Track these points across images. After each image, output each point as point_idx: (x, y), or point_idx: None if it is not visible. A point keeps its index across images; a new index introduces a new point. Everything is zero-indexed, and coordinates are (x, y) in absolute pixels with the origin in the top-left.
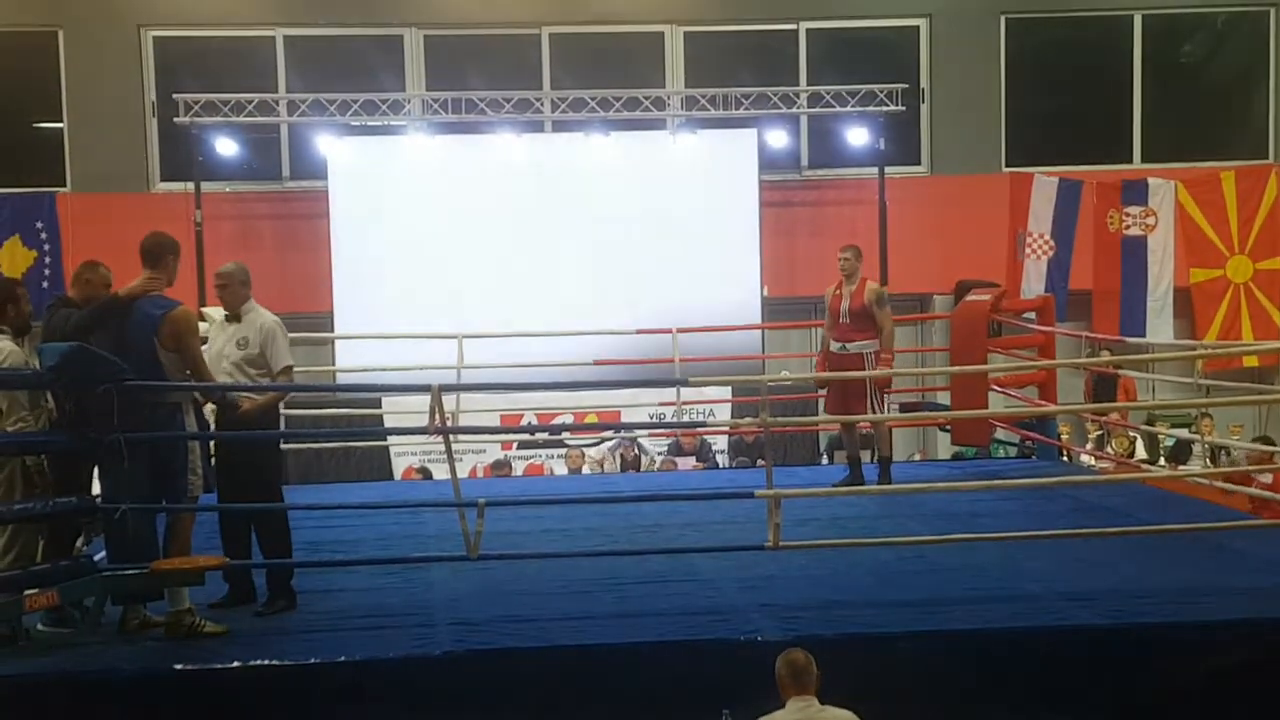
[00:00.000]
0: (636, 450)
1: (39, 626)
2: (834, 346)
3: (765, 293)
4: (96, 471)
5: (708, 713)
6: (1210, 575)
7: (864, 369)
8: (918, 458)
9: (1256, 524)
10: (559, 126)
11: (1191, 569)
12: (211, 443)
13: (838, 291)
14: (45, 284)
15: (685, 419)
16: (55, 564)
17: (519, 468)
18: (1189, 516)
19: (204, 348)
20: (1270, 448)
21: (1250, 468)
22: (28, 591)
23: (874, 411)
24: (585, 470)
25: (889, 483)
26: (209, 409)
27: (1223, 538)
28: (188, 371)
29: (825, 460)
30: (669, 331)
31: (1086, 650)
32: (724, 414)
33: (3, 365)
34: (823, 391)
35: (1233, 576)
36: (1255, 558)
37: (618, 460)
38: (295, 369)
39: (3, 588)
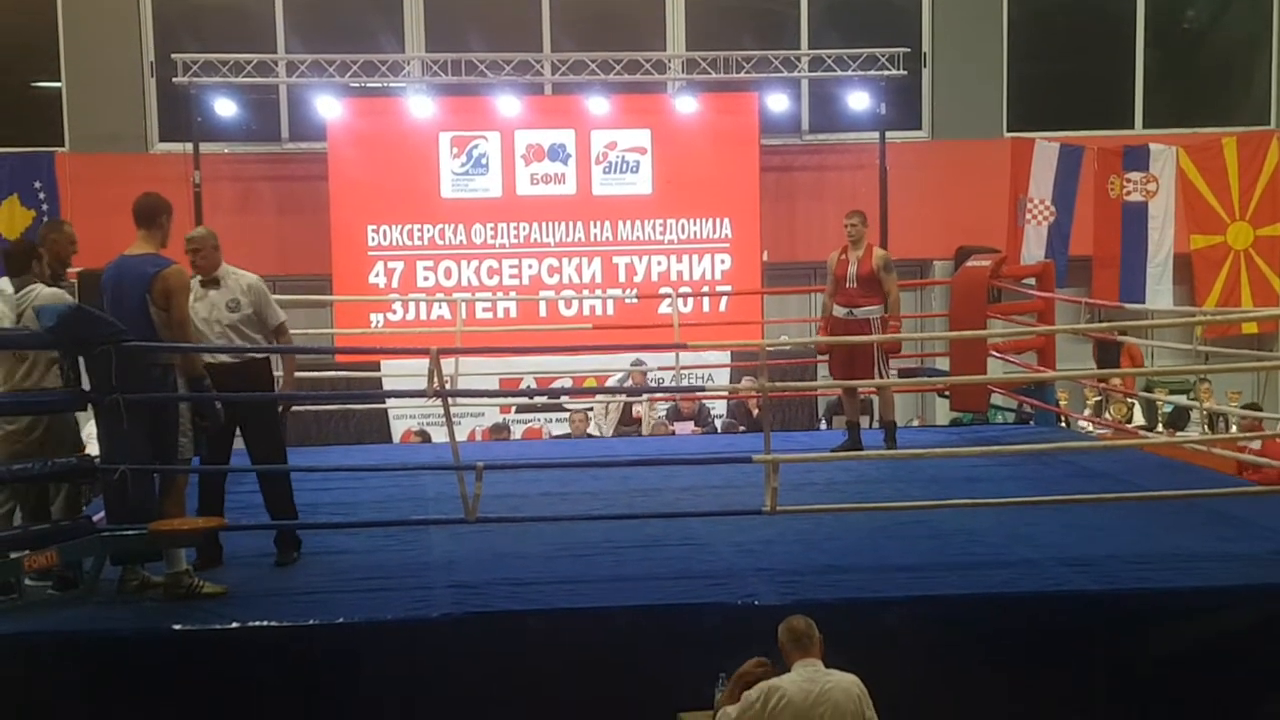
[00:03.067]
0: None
1: (27, 582)
2: (839, 311)
3: (765, 257)
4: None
5: (704, 676)
6: (1207, 541)
7: (871, 334)
8: (916, 423)
9: (1253, 490)
10: (559, 89)
11: (1188, 535)
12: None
13: (843, 256)
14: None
15: (684, 384)
16: (54, 524)
17: (517, 431)
18: (1186, 482)
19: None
20: (1261, 414)
21: (1241, 435)
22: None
23: (880, 377)
24: (591, 432)
25: (894, 447)
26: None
27: (1219, 504)
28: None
29: (823, 425)
30: (668, 296)
31: (1083, 615)
32: (723, 378)
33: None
34: (824, 357)
35: (1229, 543)
36: (1252, 524)
37: (611, 414)
38: (294, 333)
39: (2, 547)
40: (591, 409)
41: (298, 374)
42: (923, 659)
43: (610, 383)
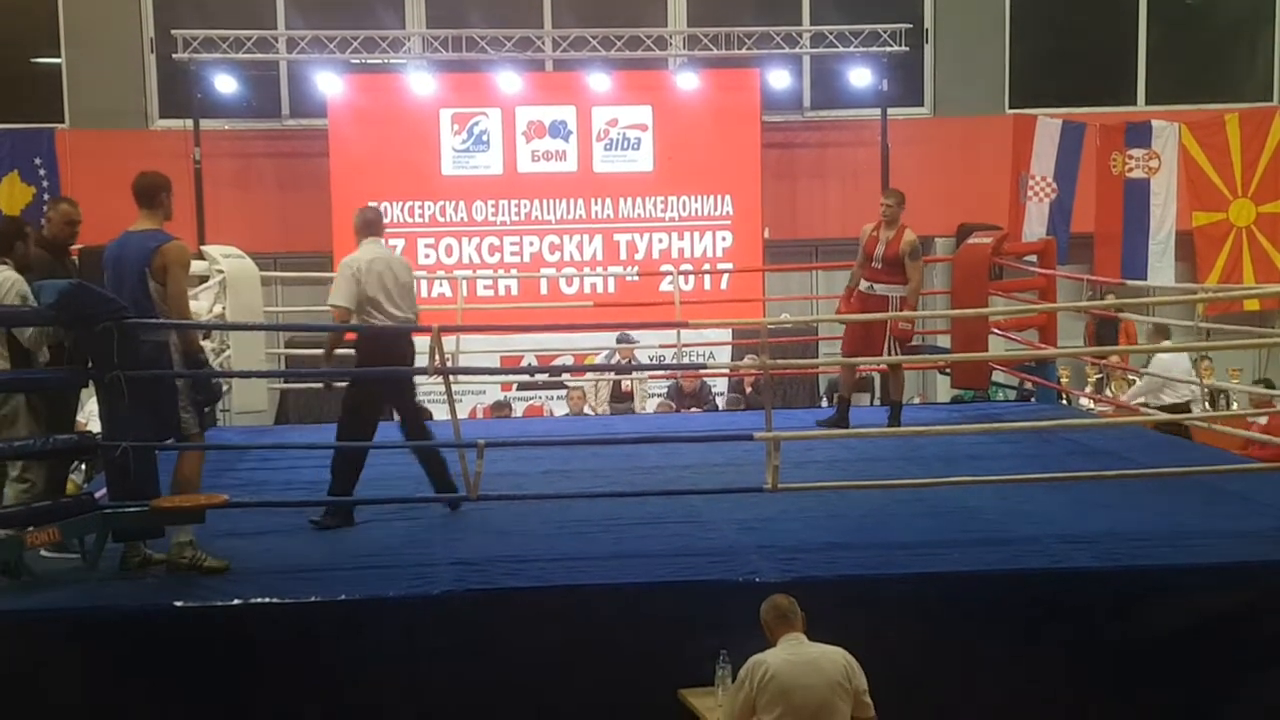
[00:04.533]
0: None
1: (42, 553)
2: (863, 285)
3: (766, 235)
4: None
5: (705, 653)
6: (1207, 518)
7: (888, 312)
8: (917, 400)
9: (1254, 468)
10: (560, 65)
11: (1189, 512)
12: None
13: (874, 233)
14: (44, 220)
15: (685, 361)
16: (57, 501)
17: (519, 409)
18: (1187, 459)
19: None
20: (1271, 392)
21: (1242, 413)
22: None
23: (891, 356)
24: (586, 410)
25: (898, 425)
26: None
27: (1220, 481)
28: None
29: (825, 403)
30: (670, 274)
31: (1084, 592)
32: (724, 356)
33: (9, 294)
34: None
35: (1230, 520)
36: (1253, 501)
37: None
38: (295, 310)
39: (5, 523)
40: (585, 392)
41: (296, 351)
42: (923, 636)
43: (598, 360)
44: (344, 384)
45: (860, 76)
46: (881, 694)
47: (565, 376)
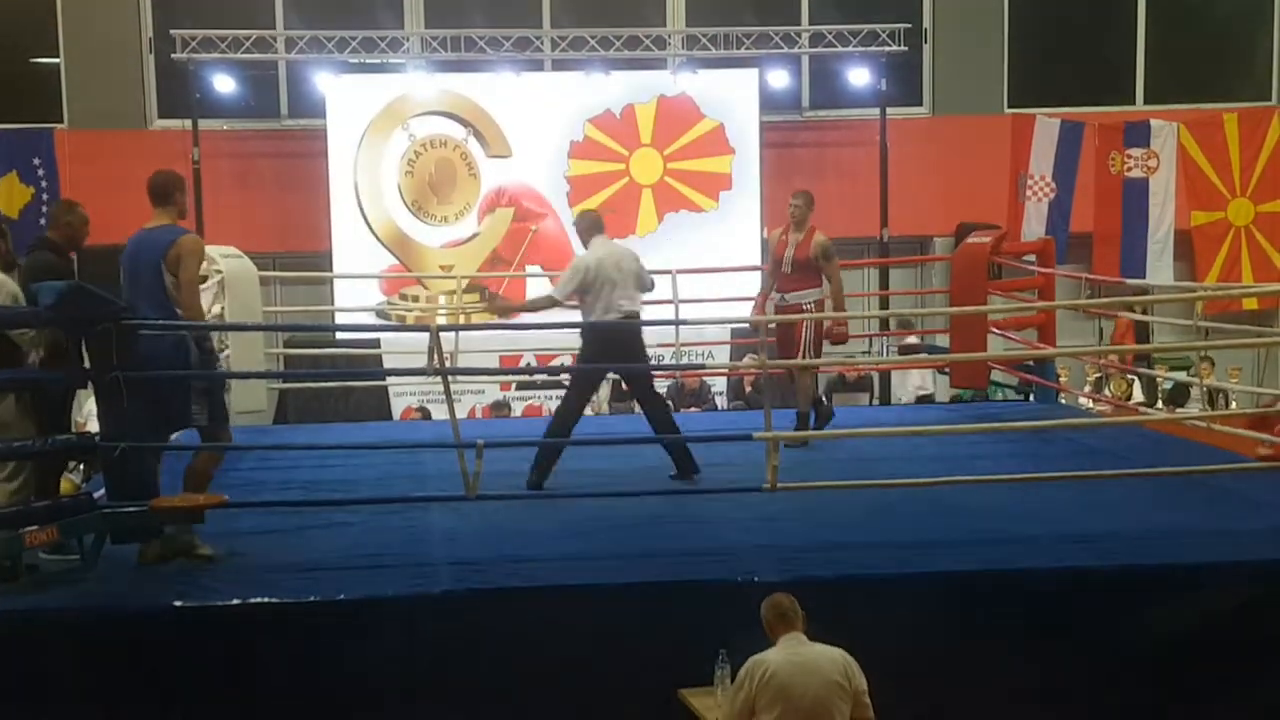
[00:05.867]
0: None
1: (40, 555)
2: (774, 296)
3: (765, 234)
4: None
5: (705, 653)
6: (1207, 517)
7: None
8: (916, 398)
9: (1254, 466)
10: (559, 65)
11: (1188, 511)
12: None
13: (783, 237)
14: (43, 220)
15: (684, 361)
16: (55, 501)
17: (518, 408)
18: (1186, 459)
19: None
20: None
21: (1241, 412)
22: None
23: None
24: (587, 410)
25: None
26: None
27: (1219, 480)
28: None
29: (825, 402)
30: (668, 272)
31: (1084, 592)
32: (723, 356)
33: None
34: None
35: (1230, 519)
36: (1251, 500)
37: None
38: (294, 310)
39: (2, 524)
40: None
41: (294, 351)
42: (922, 635)
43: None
44: None
45: (859, 76)
46: (880, 693)
47: (564, 376)
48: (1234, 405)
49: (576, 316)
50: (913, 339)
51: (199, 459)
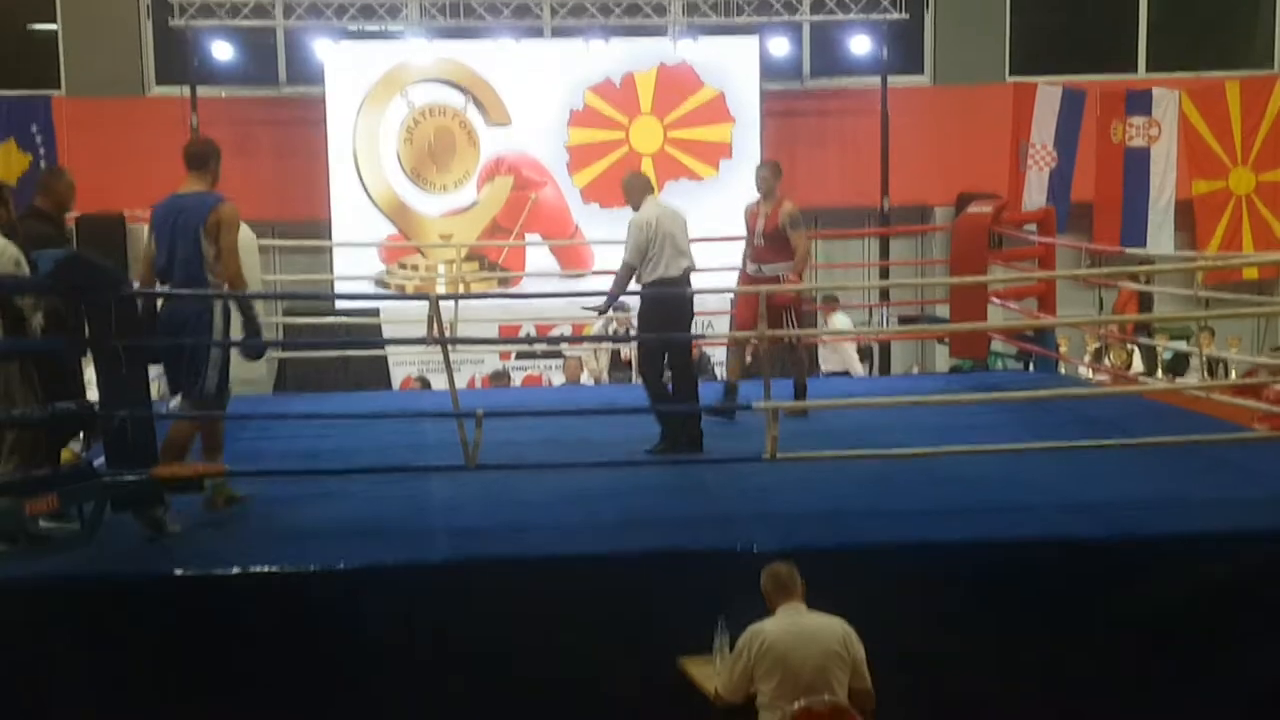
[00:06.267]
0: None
1: (40, 523)
2: (750, 268)
3: None
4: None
5: (704, 622)
6: (1205, 487)
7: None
8: (915, 370)
9: (1252, 436)
10: (558, 33)
11: (1187, 480)
12: None
13: (755, 209)
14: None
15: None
16: (55, 469)
17: (517, 378)
18: (1185, 428)
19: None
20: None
21: (1240, 381)
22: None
23: (789, 340)
24: (584, 378)
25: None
26: None
27: (1218, 450)
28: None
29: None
30: None
31: (1082, 561)
32: (722, 326)
33: (4, 260)
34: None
35: (1229, 489)
36: (1250, 470)
37: (602, 358)
38: (293, 279)
39: (3, 492)
40: (581, 361)
41: (294, 320)
42: (921, 604)
43: (595, 328)
44: None
45: (860, 44)
46: (879, 662)
47: (562, 346)
48: (1233, 375)
49: (576, 286)
50: (912, 309)
51: (210, 438)
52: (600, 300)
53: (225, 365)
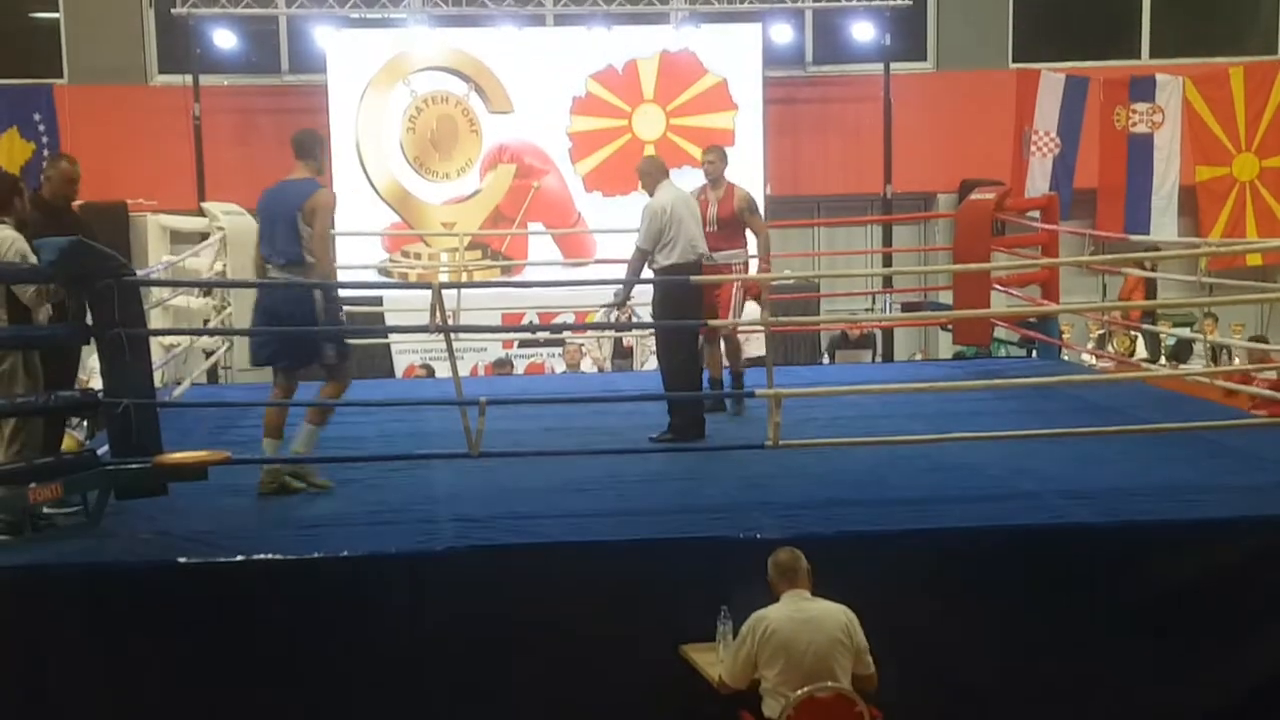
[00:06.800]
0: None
1: (44, 509)
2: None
3: (768, 191)
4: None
5: (707, 609)
6: (1209, 474)
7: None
8: (919, 357)
9: (1256, 423)
10: (561, 20)
11: (1191, 467)
12: None
13: (702, 197)
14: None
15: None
16: (59, 457)
17: (520, 366)
18: (1189, 415)
19: None
20: (1267, 345)
21: (1244, 368)
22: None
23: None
24: (584, 365)
25: (740, 404)
26: None
27: (1221, 436)
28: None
29: (826, 360)
30: None
31: (1085, 548)
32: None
33: (9, 252)
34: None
35: (1232, 475)
36: (1254, 456)
37: (605, 346)
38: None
39: (7, 480)
40: (584, 344)
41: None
42: (924, 592)
43: (597, 316)
44: None
45: (863, 31)
46: (882, 649)
47: (565, 334)
48: (1237, 361)
49: (577, 275)
50: (916, 296)
51: (327, 389)
52: (616, 292)
53: (340, 338)
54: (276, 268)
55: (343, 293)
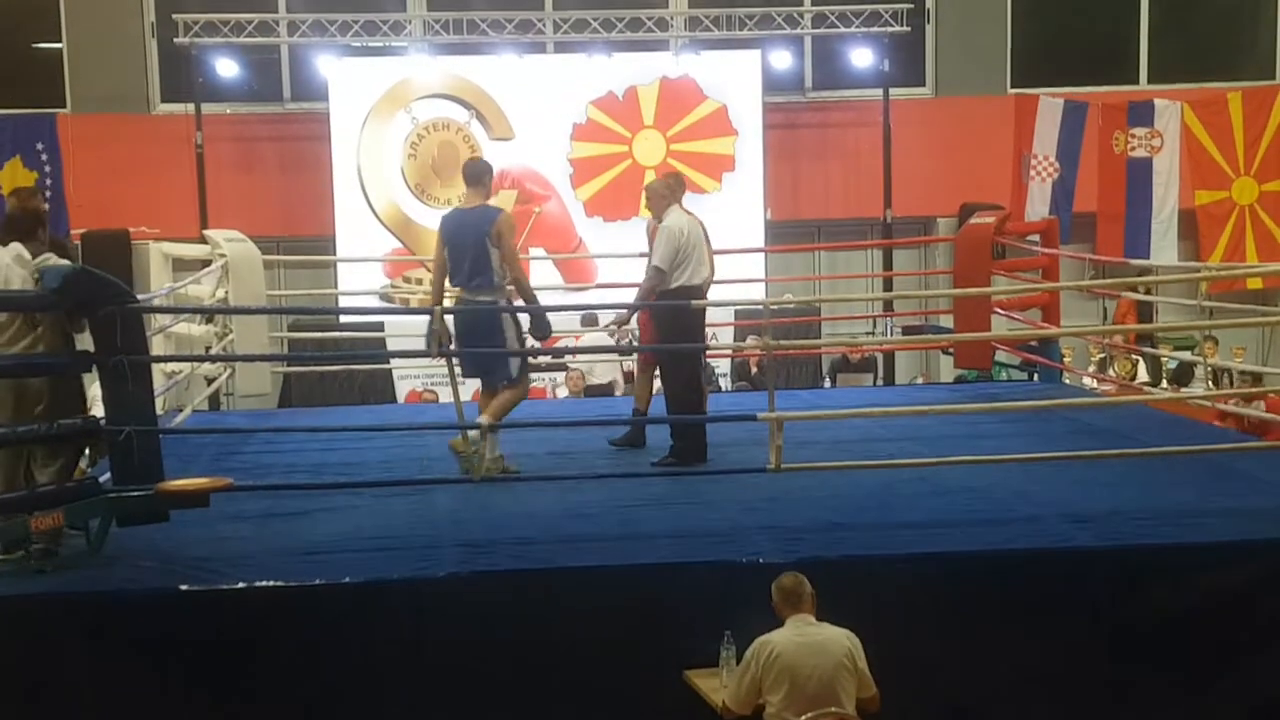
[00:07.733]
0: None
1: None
2: None
3: (769, 215)
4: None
5: (710, 634)
6: (1211, 497)
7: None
8: (920, 381)
9: (1257, 446)
10: (561, 48)
11: (1192, 491)
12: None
13: (653, 226)
14: (47, 205)
15: None
16: (61, 485)
17: None
18: (1190, 438)
19: None
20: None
21: (1245, 391)
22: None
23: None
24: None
25: (640, 442)
26: None
27: (1223, 459)
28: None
29: (827, 383)
30: None
31: (1087, 571)
32: (726, 337)
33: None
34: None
35: (1233, 498)
36: (1256, 479)
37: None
38: (298, 293)
39: (8, 509)
40: (584, 375)
41: (299, 335)
42: (926, 616)
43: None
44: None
45: (862, 57)
46: (885, 673)
47: (567, 358)
48: (1237, 384)
49: (578, 299)
50: (917, 319)
51: (504, 395)
52: (619, 314)
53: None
54: (469, 292)
55: (345, 319)
